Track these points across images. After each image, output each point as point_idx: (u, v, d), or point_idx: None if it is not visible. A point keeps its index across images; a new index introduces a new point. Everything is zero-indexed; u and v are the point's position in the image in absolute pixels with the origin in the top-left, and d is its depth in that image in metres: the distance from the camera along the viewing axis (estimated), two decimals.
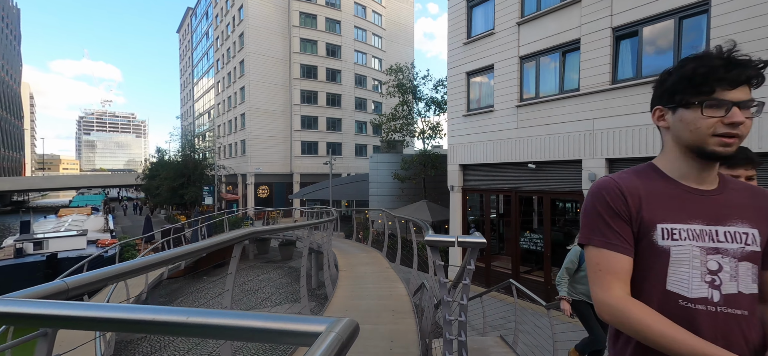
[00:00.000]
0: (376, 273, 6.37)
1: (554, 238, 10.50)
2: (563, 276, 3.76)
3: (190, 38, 54.31)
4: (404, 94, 20.48)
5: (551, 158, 9.93)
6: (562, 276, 3.74)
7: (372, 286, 5.37)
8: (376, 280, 5.76)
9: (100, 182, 57.97)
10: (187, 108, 57.34)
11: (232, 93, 37.13)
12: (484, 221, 12.54)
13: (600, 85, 8.83)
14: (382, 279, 5.77)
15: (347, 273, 6.29)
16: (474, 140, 12.14)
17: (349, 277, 5.99)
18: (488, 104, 11.80)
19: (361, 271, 6.45)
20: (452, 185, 13.02)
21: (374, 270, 6.52)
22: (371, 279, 5.69)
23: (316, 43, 35.96)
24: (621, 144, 8.47)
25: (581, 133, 9.23)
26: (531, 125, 10.41)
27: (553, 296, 10.23)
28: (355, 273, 6.36)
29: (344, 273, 6.26)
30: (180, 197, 28.02)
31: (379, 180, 22.75)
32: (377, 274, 6.16)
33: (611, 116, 8.65)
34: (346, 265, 7.37)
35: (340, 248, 10.16)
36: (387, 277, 5.79)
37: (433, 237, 1.89)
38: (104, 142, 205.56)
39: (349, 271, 6.51)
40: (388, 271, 6.61)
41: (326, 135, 36.73)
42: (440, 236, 1.88)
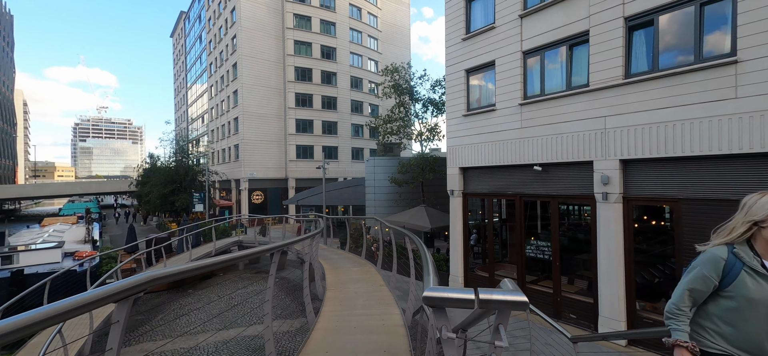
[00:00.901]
0: (368, 292, 5.60)
1: (563, 245, 9.76)
2: (682, 303, 2.00)
3: (184, 42, 53.57)
4: (400, 95, 19.77)
5: (559, 160, 9.20)
6: (679, 303, 2.00)
7: (362, 312, 4.63)
8: (368, 302, 5.01)
9: (92, 189, 56.88)
10: (181, 113, 56.49)
11: (225, 97, 36.34)
12: (487, 227, 11.79)
13: (612, 80, 8.13)
14: (375, 300, 5.00)
15: (335, 293, 5.53)
16: (475, 142, 11.41)
17: (336, 298, 5.24)
18: (489, 102, 11.09)
19: (351, 290, 5.69)
20: (452, 190, 12.27)
21: (366, 290, 5.75)
22: (362, 300, 4.94)
23: (310, 46, 35.29)
24: (637, 143, 7.76)
25: (592, 132, 8.52)
26: (536, 125, 9.69)
27: (564, 309, 9.53)
28: (344, 292, 5.61)
29: (332, 293, 5.50)
30: (171, 204, 27.14)
31: (376, 185, 22.01)
32: (369, 294, 5.39)
33: (625, 114, 7.94)
34: (335, 282, 6.60)
35: (331, 261, 9.37)
36: (380, 298, 5.02)
37: (437, 293, 1.14)
38: (100, 148, 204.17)
39: (338, 290, 5.76)
40: (381, 290, 5.85)
41: (322, 139, 35.97)
42: (448, 292, 1.13)
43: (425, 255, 1.89)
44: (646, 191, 7.86)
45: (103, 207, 67.60)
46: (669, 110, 7.25)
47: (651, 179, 7.78)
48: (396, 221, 15.81)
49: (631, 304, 8.09)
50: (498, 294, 1.11)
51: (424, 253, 2.09)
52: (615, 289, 8.18)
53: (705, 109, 6.79)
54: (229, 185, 36.02)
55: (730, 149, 6.52)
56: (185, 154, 30.26)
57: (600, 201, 8.37)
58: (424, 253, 2.07)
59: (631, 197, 8.08)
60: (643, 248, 8.47)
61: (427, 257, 1.82)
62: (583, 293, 9.35)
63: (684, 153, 7.07)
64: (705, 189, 7.01)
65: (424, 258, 1.80)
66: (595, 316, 8.62)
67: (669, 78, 7.25)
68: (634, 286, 8.11)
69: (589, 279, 9.59)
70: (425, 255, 1.89)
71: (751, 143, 6.30)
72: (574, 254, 10.43)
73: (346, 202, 25.86)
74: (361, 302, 4.85)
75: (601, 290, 8.41)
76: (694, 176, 7.14)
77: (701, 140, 6.84)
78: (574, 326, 9.07)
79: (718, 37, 6.85)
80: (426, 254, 1.93)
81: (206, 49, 42.48)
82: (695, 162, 7.10)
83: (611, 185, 8.18)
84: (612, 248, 8.22)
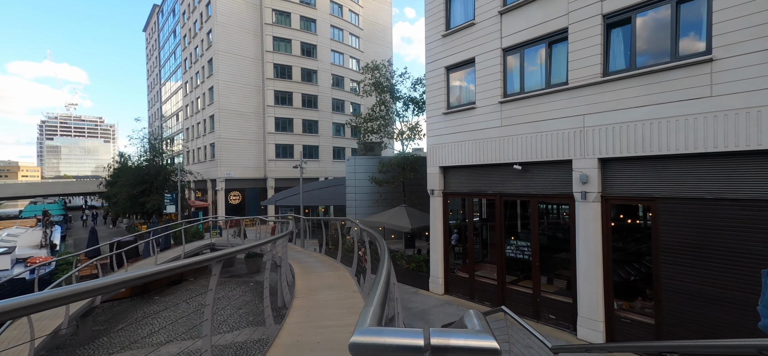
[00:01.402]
0: (340, 300, 5.21)
1: (542, 245, 9.66)
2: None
3: (157, 37, 51.43)
4: (381, 93, 19.44)
5: (538, 159, 9.09)
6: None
7: (330, 323, 4.25)
8: (338, 312, 4.64)
9: (57, 190, 53.78)
10: (155, 110, 54.23)
11: (200, 94, 35.02)
12: (467, 227, 11.62)
13: (590, 78, 8.06)
14: (346, 309, 4.61)
15: (303, 301, 5.12)
16: (455, 140, 11.21)
17: (304, 307, 4.83)
18: (469, 100, 10.90)
19: (321, 298, 5.29)
20: (432, 190, 12.04)
21: (338, 297, 5.36)
22: (332, 309, 4.56)
23: (290, 42, 34.47)
24: (614, 142, 7.70)
25: (571, 130, 8.43)
26: (516, 123, 9.56)
27: (543, 310, 9.44)
28: (313, 300, 5.20)
29: (300, 301, 5.10)
30: (141, 205, 25.81)
31: (357, 184, 21.60)
32: (341, 302, 5.00)
33: (603, 112, 7.87)
34: (304, 289, 6.19)
35: (304, 265, 8.93)
36: (352, 307, 4.64)
37: (368, 338, 0.80)
38: (70, 147, 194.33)
39: (307, 298, 5.35)
40: (355, 297, 5.48)
41: (302, 138, 35.21)
42: (386, 337, 0.78)
43: (382, 270, 1.52)
44: (624, 190, 7.83)
45: (71, 209, 64.11)
46: (646, 109, 7.21)
47: (628, 178, 7.75)
48: (376, 222, 15.48)
49: (609, 304, 8.05)
50: (457, 337, 0.77)
51: (382, 265, 1.72)
52: (593, 289, 8.11)
53: (681, 107, 6.77)
54: (205, 185, 34.73)
55: (705, 147, 6.52)
56: (157, 153, 28.90)
57: (579, 200, 8.29)
58: (383, 265, 1.70)
59: (609, 196, 8.03)
60: (620, 247, 8.45)
61: (381, 273, 1.46)
62: (562, 293, 9.28)
63: (660, 152, 7.04)
64: (681, 188, 7.00)
65: (379, 274, 1.43)
66: (574, 316, 8.54)
67: (646, 76, 7.21)
68: (612, 285, 8.07)
69: (568, 279, 9.53)
70: (382, 270, 1.52)
71: (725, 141, 6.30)
72: (553, 254, 10.38)
73: (327, 202, 25.31)
74: (330, 312, 4.46)
75: (580, 290, 8.33)
76: (670, 175, 7.13)
77: (677, 139, 6.82)
78: (554, 327, 8.97)
79: (693, 36, 6.85)
80: (383, 269, 1.56)
81: (180, 44, 40.86)
82: (672, 161, 7.09)
83: (590, 184, 8.10)
84: (590, 247, 8.15)
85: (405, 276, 13.19)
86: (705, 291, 6.71)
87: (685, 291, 6.95)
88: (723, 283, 6.52)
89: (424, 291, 12.07)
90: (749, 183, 6.25)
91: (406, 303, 11.00)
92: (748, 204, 6.26)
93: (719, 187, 6.56)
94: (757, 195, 6.16)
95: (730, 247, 6.44)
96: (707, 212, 6.69)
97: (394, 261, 13.87)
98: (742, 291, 6.31)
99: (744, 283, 6.29)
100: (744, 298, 6.28)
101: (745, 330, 6.25)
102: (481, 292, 10.81)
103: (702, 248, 6.75)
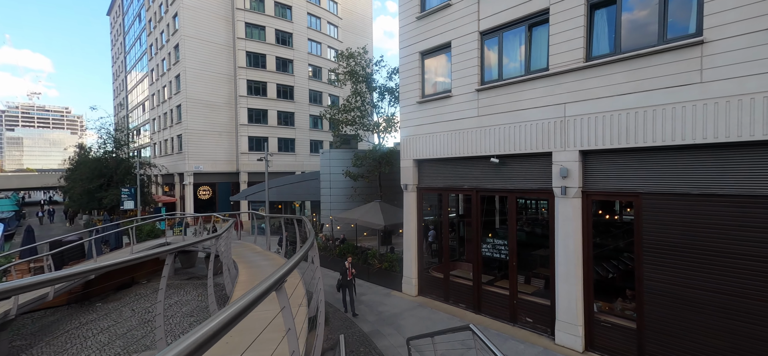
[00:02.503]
0: (277, 317, 4.26)
1: (520, 242, 9.07)
2: None
3: (122, 21, 48.24)
4: (357, 83, 18.45)
5: (517, 151, 8.44)
6: None
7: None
8: (271, 336, 3.76)
9: (13, 184, 50.00)
10: (121, 100, 51.08)
11: (167, 82, 32.92)
12: (442, 223, 10.92)
13: (572, 63, 7.42)
14: (280, 331, 3.67)
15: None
16: (430, 131, 10.45)
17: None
18: (445, 89, 10.15)
19: (254, 316, 4.38)
20: (406, 184, 11.26)
21: (276, 313, 4.42)
22: (261, 327, 3.63)
23: (264, 29, 32.81)
24: (597, 133, 7.11)
25: (551, 120, 7.80)
26: (494, 112, 8.87)
27: (520, 313, 8.83)
28: (245, 324, 4.29)
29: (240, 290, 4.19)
30: (98, 200, 23.90)
31: (332, 179, 20.64)
32: (276, 323, 4.05)
33: (586, 100, 7.26)
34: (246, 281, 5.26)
35: (256, 269, 7.97)
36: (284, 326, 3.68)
37: None
38: (33, 139, 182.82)
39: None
40: (299, 312, 4.62)
41: (277, 130, 33.75)
42: None
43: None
44: (607, 185, 7.26)
45: (30, 205, 59.80)
46: (631, 96, 6.63)
47: (611, 172, 7.18)
48: (348, 218, 14.61)
49: (589, 307, 7.52)
50: None
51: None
52: (572, 290, 7.56)
53: (669, 95, 6.21)
54: (173, 179, 32.80)
55: (693, 138, 5.98)
56: (119, 144, 26.90)
57: (558, 196, 7.70)
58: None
59: (590, 192, 7.46)
60: (601, 246, 7.93)
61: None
62: (540, 294, 8.73)
63: (646, 143, 6.48)
64: (667, 183, 6.48)
65: None
66: (553, 320, 7.99)
67: (631, 61, 6.62)
68: (593, 287, 7.53)
69: (546, 279, 8.99)
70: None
71: (715, 131, 5.77)
72: (531, 253, 9.82)
73: (301, 197, 24.21)
74: (252, 335, 3.54)
75: (559, 291, 7.77)
76: (656, 169, 6.59)
77: (664, 129, 6.27)
78: (531, 331, 8.41)
79: (683, 16, 6.28)
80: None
81: (146, 28, 38.31)
82: (658, 153, 6.55)
83: (570, 178, 7.51)
84: (570, 246, 7.58)
85: (376, 276, 12.41)
86: (691, 293, 6.23)
87: (670, 293, 6.46)
88: (710, 285, 6.04)
89: (397, 293, 11.33)
90: (740, 178, 5.75)
91: (376, 307, 10.22)
92: (737, 200, 5.77)
93: (708, 182, 6.06)
94: (748, 191, 5.67)
95: (717, 247, 5.95)
96: (694, 209, 6.18)
97: (365, 260, 13.07)
98: (730, 295, 5.84)
99: (733, 285, 5.82)
100: (732, 302, 5.81)
101: (734, 335, 5.79)
102: (456, 293, 10.15)
103: (687, 248, 6.25)
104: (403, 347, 7.82)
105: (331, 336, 7.87)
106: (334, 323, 9.20)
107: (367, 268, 12.82)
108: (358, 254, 13.77)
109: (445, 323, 9.10)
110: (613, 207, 8.13)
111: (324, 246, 15.77)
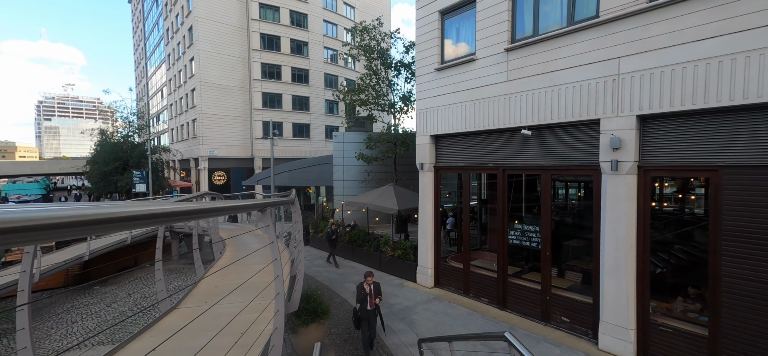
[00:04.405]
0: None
1: (555, 230, 7.76)
2: None
3: (142, 8, 48.60)
4: (371, 59, 17.18)
5: (554, 120, 7.09)
6: None
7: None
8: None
9: (43, 169, 52.02)
10: (142, 87, 51.85)
11: (182, 66, 32.69)
12: (463, 209, 9.70)
13: (630, 5, 5.96)
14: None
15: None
16: (449, 102, 9.17)
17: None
18: (468, 52, 8.81)
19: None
20: (422, 163, 10.07)
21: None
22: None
23: (278, 10, 31.89)
24: (662, 92, 5.67)
25: (599, 80, 6.39)
26: (526, 75, 7.51)
27: (554, 311, 7.54)
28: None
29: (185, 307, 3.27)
30: (114, 184, 23.94)
31: (345, 163, 19.63)
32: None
33: (648, 52, 5.82)
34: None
35: (244, 244, 7.06)
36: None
37: None
38: (68, 129, 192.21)
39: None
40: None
41: (292, 115, 33.03)
42: None
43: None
44: (672, 158, 5.83)
45: (59, 190, 62.31)
46: (713, 42, 5.15)
47: (679, 141, 5.75)
48: (360, 203, 13.57)
49: (643, 305, 6.17)
50: None
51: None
52: (622, 286, 6.23)
53: (765, 35, 4.71)
54: (189, 164, 32.80)
55: None
56: (135, 129, 26.88)
57: (607, 172, 6.32)
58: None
59: (649, 166, 6.05)
60: (661, 233, 6.53)
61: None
62: (578, 290, 7.42)
63: (733, 101, 5.02)
64: (757, 153, 5.01)
65: None
66: (595, 321, 6.70)
67: None
68: (649, 282, 6.17)
69: (585, 272, 7.67)
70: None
71: None
72: (567, 241, 8.49)
73: (314, 182, 23.40)
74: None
75: (604, 287, 6.46)
76: (743, 135, 5.13)
77: (761, 80, 4.79)
78: (567, 332, 7.14)
79: None
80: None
81: (162, 13, 38.23)
82: (747, 114, 5.08)
83: (623, 150, 6.12)
84: (620, 232, 6.23)
85: (388, 265, 11.35)
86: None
87: (758, 294, 5.05)
88: None
89: (411, 284, 10.24)
90: None
91: (386, 298, 9.17)
92: None
93: None
94: None
95: None
96: None
97: (377, 247, 12.03)
98: None
99: None
100: None
101: None
102: (477, 286, 8.96)
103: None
104: (415, 346, 6.75)
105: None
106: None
107: (379, 256, 11.78)
108: (369, 242, 12.74)
109: (463, 318, 7.95)
110: (675, 186, 6.69)
111: (333, 233, 14.82)
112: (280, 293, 2.73)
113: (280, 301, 2.69)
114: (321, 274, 11.64)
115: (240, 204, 2.51)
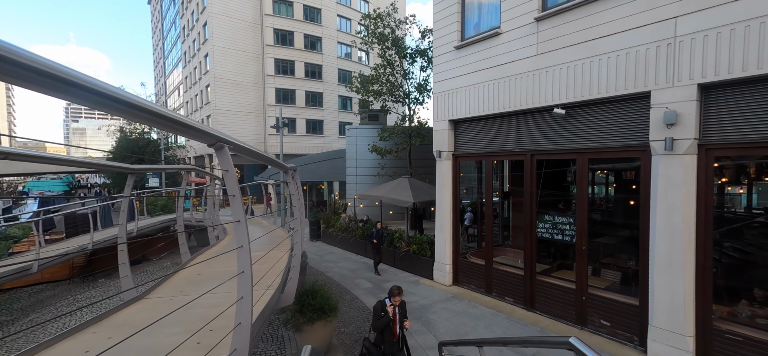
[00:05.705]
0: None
1: (593, 221, 6.87)
2: None
3: (160, 7, 49.44)
4: (385, 49, 16.47)
5: (592, 96, 6.22)
6: None
7: None
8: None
9: (65, 166, 53.57)
10: (160, 86, 52.80)
11: (197, 63, 32.87)
12: (485, 201, 8.88)
13: None
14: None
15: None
16: (470, 83, 8.38)
17: None
18: (492, 25, 8.00)
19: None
20: (439, 151, 9.30)
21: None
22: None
23: (292, 5, 31.64)
24: (731, 55, 4.75)
25: (650, 45, 5.50)
26: (560, 47, 6.65)
27: (591, 313, 6.61)
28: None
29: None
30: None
31: (358, 157, 19.03)
32: None
33: (712, 8, 4.90)
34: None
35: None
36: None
37: None
38: (94, 130, 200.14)
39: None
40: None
41: (305, 111, 32.72)
42: None
43: None
44: (741, 134, 4.90)
45: (82, 187, 64.22)
46: None
47: (752, 113, 4.81)
48: (373, 196, 12.89)
49: (703, 309, 5.25)
50: None
51: None
52: (678, 285, 5.32)
53: None
54: (203, 161, 32.94)
55: None
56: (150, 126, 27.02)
57: (659, 153, 5.42)
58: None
59: (712, 144, 5.13)
60: (728, 225, 5.58)
61: None
62: (620, 290, 6.53)
63: None
64: None
65: None
66: (643, 325, 5.80)
67: None
68: (712, 282, 5.24)
69: (626, 270, 6.76)
70: None
71: None
72: (608, 235, 7.58)
73: (325, 177, 22.90)
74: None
75: (655, 286, 5.55)
76: None
77: None
78: (608, 337, 6.25)
79: None
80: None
81: (179, 11, 38.64)
82: None
83: (680, 125, 5.21)
84: (676, 223, 5.32)
85: (403, 261, 10.62)
86: None
87: None
88: None
89: (427, 281, 9.49)
90: None
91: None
92: None
93: None
94: None
95: None
96: None
97: (390, 242, 11.31)
98: None
99: None
100: None
101: None
102: (500, 284, 8.13)
103: None
104: (434, 349, 6.01)
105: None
106: None
107: (393, 252, 11.07)
108: (383, 236, 12.04)
109: (486, 319, 7.15)
110: (747, 168, 5.72)
111: (346, 228, 14.22)
112: (270, 286, 2.06)
113: (246, 303, 2.02)
114: (331, 270, 11.01)
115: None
